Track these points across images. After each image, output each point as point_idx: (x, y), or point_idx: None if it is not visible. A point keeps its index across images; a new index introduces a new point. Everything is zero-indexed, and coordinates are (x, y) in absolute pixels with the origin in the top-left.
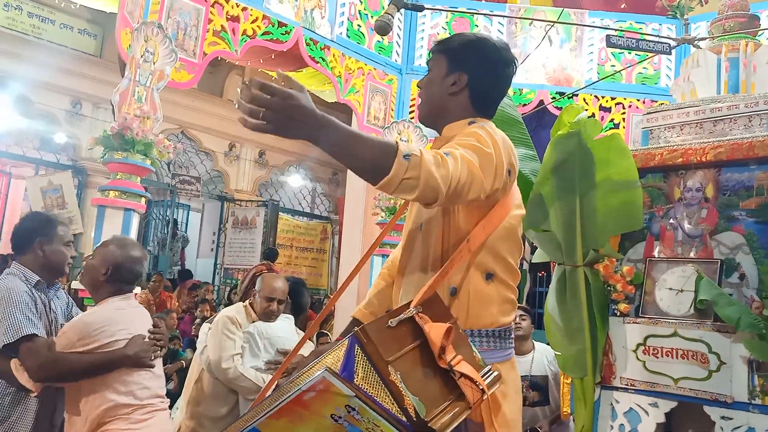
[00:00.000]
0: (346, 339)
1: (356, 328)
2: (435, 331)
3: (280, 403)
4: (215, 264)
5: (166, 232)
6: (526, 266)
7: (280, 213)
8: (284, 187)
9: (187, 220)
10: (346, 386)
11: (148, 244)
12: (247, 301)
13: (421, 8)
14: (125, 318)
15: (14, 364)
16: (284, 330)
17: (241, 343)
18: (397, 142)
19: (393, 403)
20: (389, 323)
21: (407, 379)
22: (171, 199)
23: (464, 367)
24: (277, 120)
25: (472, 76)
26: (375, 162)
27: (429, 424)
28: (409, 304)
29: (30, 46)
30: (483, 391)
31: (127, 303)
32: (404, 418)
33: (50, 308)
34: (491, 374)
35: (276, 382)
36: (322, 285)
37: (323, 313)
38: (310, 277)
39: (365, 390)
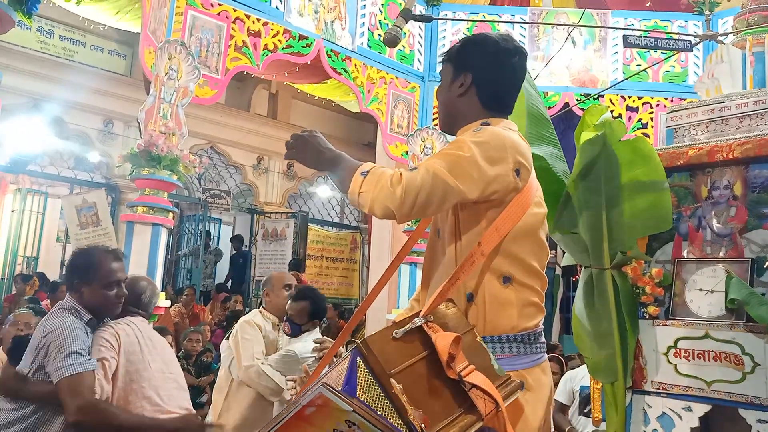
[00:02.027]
0: (350, 352)
1: (359, 341)
2: (442, 340)
3: (284, 418)
4: (247, 275)
5: (198, 245)
6: (559, 271)
7: (309, 224)
8: (313, 198)
9: (219, 234)
10: (343, 401)
11: (181, 258)
12: (260, 308)
13: (429, 19)
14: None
15: None
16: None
17: (261, 347)
18: (366, 163)
19: (397, 417)
20: (394, 334)
21: (411, 392)
22: (203, 213)
23: (476, 377)
24: (299, 146)
25: (476, 73)
26: (344, 180)
27: None
28: (418, 313)
29: (62, 69)
30: (497, 402)
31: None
32: None
33: None
34: (510, 383)
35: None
36: (353, 295)
37: (352, 321)
38: (341, 287)
39: (368, 404)
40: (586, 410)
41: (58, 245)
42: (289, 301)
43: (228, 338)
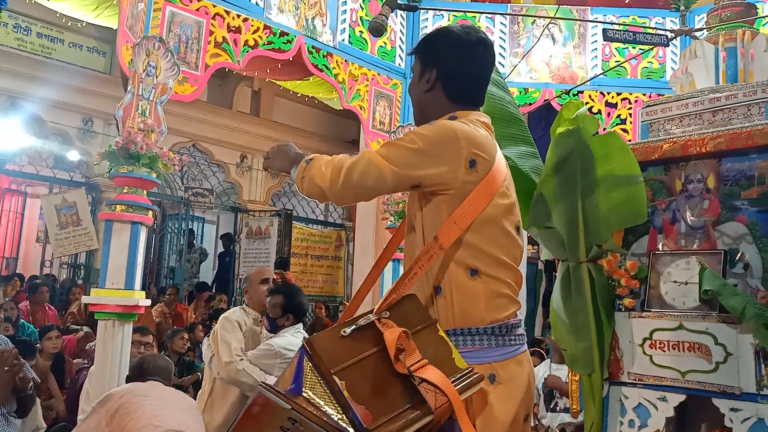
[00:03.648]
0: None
1: (304, 340)
2: (390, 335)
3: (238, 417)
4: (231, 274)
5: (181, 244)
6: (541, 266)
7: (293, 222)
8: (297, 196)
9: (203, 233)
10: (281, 400)
11: (164, 257)
12: (243, 304)
13: (414, 8)
14: None
15: None
16: (296, 345)
17: (239, 343)
18: (313, 154)
19: (341, 414)
20: (342, 332)
21: (355, 388)
22: (185, 212)
23: (427, 372)
24: (272, 154)
25: (440, 68)
26: (295, 172)
27: None
28: (372, 310)
29: (40, 67)
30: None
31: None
32: (351, 429)
33: None
34: (469, 376)
35: None
36: (339, 292)
37: (342, 321)
38: (326, 285)
39: (313, 401)
40: (551, 405)
41: (38, 245)
42: (268, 298)
43: (208, 336)
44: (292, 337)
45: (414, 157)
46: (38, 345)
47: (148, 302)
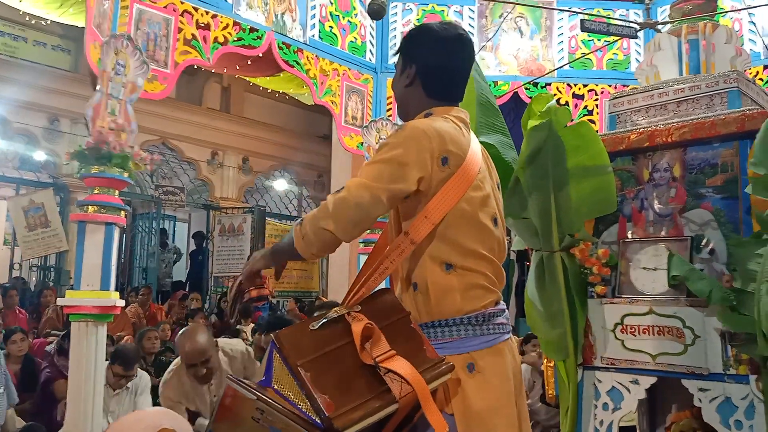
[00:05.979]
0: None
1: (273, 334)
2: (357, 327)
3: (215, 409)
4: (205, 272)
5: (153, 244)
6: (513, 256)
7: (267, 218)
8: (270, 192)
9: (174, 231)
10: (247, 392)
11: (135, 257)
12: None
13: None
14: None
15: None
16: None
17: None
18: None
19: (308, 403)
20: (311, 326)
21: (319, 379)
22: (156, 211)
23: (393, 362)
24: (248, 263)
25: (418, 64)
26: (288, 243)
27: (332, 421)
28: (343, 304)
29: (3, 66)
30: (420, 386)
31: None
32: (317, 418)
33: None
34: (439, 366)
35: None
36: (314, 287)
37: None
38: (301, 281)
39: (282, 393)
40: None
41: (6, 248)
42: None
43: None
44: None
45: (394, 169)
46: (4, 350)
47: (123, 303)
